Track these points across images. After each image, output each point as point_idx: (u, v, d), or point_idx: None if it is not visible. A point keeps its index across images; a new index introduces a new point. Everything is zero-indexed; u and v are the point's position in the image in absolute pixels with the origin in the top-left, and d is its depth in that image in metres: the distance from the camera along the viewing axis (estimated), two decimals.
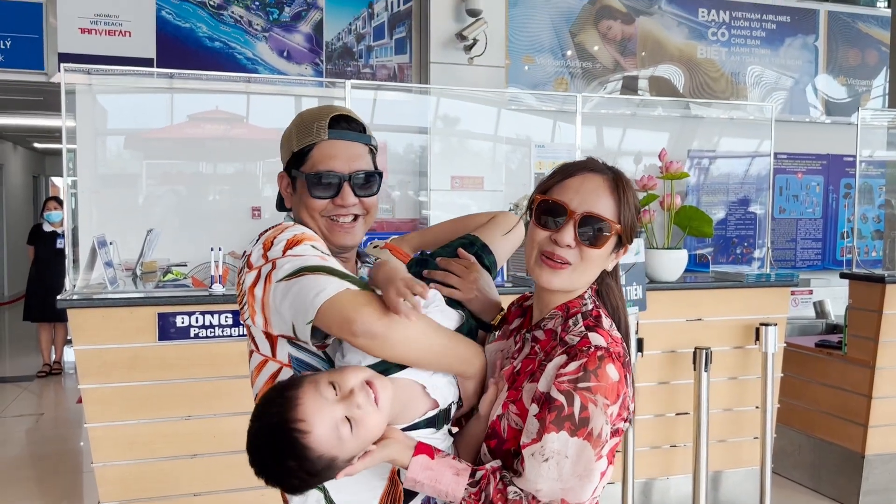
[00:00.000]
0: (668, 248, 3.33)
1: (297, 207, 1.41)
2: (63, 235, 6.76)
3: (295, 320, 1.22)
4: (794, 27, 7.65)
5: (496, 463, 1.24)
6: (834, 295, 6.50)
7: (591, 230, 1.24)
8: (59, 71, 5.94)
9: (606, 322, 1.27)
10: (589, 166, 1.29)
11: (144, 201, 6.11)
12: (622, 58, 7.11)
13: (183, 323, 2.78)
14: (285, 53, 6.54)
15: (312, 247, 1.28)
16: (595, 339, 1.21)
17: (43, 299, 6.65)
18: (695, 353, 3.29)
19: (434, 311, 1.29)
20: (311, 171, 1.36)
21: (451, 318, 1.32)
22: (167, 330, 2.76)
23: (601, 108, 6.76)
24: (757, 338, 3.42)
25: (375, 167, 1.42)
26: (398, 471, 1.28)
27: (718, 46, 7.40)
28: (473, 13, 6.24)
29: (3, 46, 5.93)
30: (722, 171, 7.34)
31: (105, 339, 2.70)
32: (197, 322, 2.78)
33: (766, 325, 3.38)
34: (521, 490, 1.20)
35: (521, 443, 1.22)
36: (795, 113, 7.61)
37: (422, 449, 1.23)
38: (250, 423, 1.16)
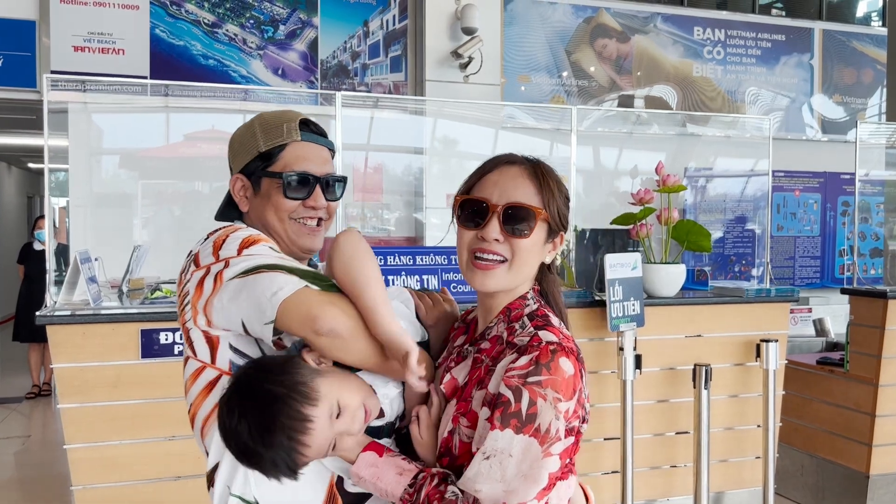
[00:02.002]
0: (665, 263, 3.27)
1: (259, 210, 1.37)
2: (54, 253, 6.69)
3: (248, 320, 1.19)
4: (789, 46, 7.66)
5: (440, 471, 1.18)
6: (833, 313, 6.44)
7: (517, 220, 1.20)
8: (50, 88, 5.92)
9: (555, 320, 1.22)
10: (505, 159, 1.27)
11: (139, 220, 6.05)
12: (618, 76, 7.10)
13: (167, 340, 2.70)
14: (280, 71, 6.52)
15: (270, 248, 1.26)
16: (546, 335, 1.15)
17: (32, 319, 6.57)
18: (694, 370, 3.22)
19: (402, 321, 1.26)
20: (285, 170, 1.34)
21: (416, 332, 1.32)
22: (150, 347, 2.67)
23: (598, 126, 6.75)
24: (758, 354, 3.35)
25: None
26: (336, 484, 1.25)
27: (714, 65, 7.40)
28: (469, 31, 6.23)
29: None
30: (719, 189, 7.32)
31: (86, 356, 2.61)
32: (181, 339, 2.70)
33: (767, 341, 3.31)
34: (461, 491, 1.12)
35: (473, 451, 1.15)
36: (792, 131, 7.60)
37: (372, 447, 1.19)
38: (235, 394, 1.15)
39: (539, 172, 1.24)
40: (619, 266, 3.02)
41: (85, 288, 2.72)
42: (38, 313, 2.64)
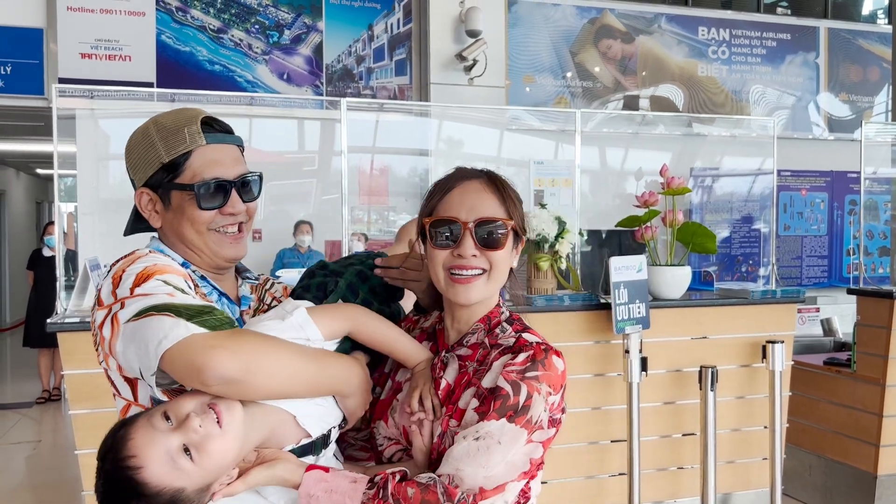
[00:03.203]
0: (671, 265, 3.27)
1: (174, 225, 1.27)
2: (63, 260, 6.72)
3: (142, 368, 1.10)
4: (794, 45, 7.64)
5: (400, 469, 1.17)
6: (841, 312, 6.41)
7: (489, 233, 1.24)
8: (58, 96, 5.96)
9: (527, 324, 1.30)
10: (461, 175, 1.30)
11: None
12: (623, 77, 7.10)
13: None
14: (285, 76, 6.55)
15: (164, 282, 1.14)
16: (529, 337, 1.24)
17: (42, 325, 6.61)
18: (700, 371, 3.22)
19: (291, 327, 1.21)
20: (194, 181, 1.23)
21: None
22: None
23: (603, 126, 6.75)
24: (764, 356, 3.35)
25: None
26: None
27: (719, 64, 7.39)
28: (473, 34, 6.24)
29: (3, 72, 5.94)
30: (725, 189, 7.31)
31: (96, 363, 2.63)
32: None
33: (773, 342, 3.31)
34: (436, 475, 1.15)
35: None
36: (798, 130, 7.58)
37: (315, 467, 1.18)
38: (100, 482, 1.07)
39: (498, 184, 1.28)
40: (624, 269, 3.03)
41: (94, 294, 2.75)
42: (48, 320, 2.66)
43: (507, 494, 1.16)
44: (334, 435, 1.27)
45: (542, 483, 1.29)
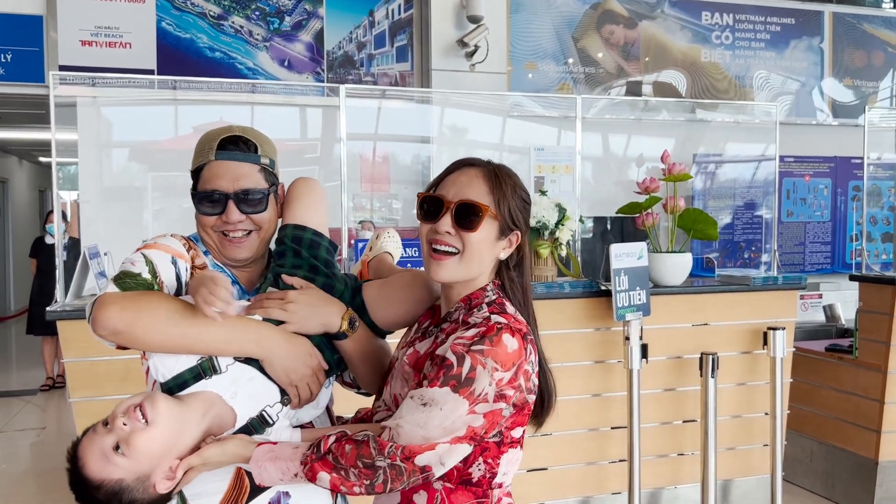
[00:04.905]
0: (672, 252, 3.26)
1: (196, 220, 1.50)
2: (65, 248, 6.74)
3: None
4: (798, 29, 7.57)
5: (338, 431, 1.28)
6: (844, 298, 6.40)
7: (466, 215, 1.32)
8: (58, 83, 5.95)
9: (511, 308, 1.34)
10: (468, 162, 1.40)
11: (148, 214, 6.09)
12: (625, 62, 7.05)
13: None
14: (286, 63, 6.52)
15: (143, 255, 1.37)
16: (497, 318, 1.28)
17: (45, 313, 6.63)
18: (701, 358, 3.22)
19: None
20: (199, 189, 1.45)
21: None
22: None
23: (605, 113, 6.71)
24: (765, 342, 3.34)
25: (272, 184, 1.48)
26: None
27: (722, 50, 7.33)
28: (474, 19, 6.20)
29: (3, 60, 5.92)
30: (728, 175, 7.26)
31: (96, 351, 2.64)
32: None
33: (774, 329, 3.30)
34: (370, 432, 1.24)
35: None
36: (802, 116, 7.52)
37: (265, 442, 1.29)
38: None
39: (494, 175, 1.36)
40: (624, 256, 3.02)
41: (94, 283, 2.75)
42: (48, 308, 2.67)
43: (444, 456, 1.22)
44: (277, 412, 1.34)
45: (542, 470, 1.32)
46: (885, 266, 7.02)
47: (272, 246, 1.53)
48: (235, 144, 1.45)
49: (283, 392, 1.34)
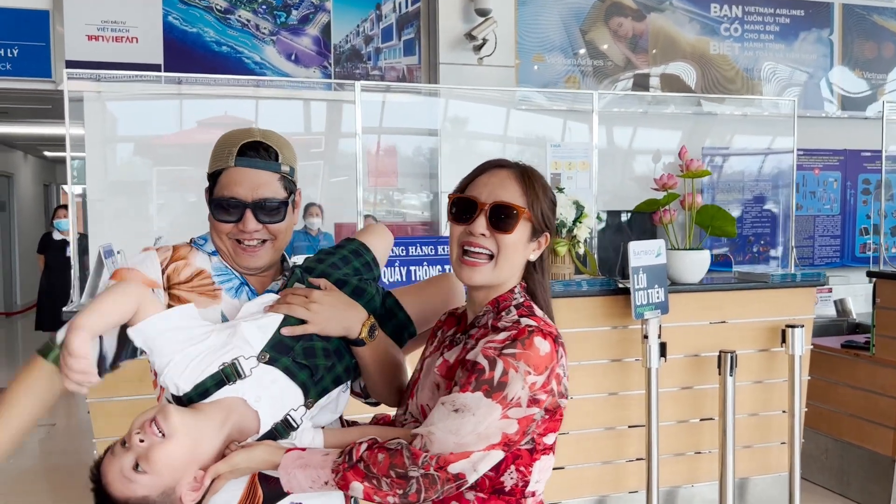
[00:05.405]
0: (689, 249, 3.23)
1: (210, 224, 1.47)
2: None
3: None
4: (808, 21, 7.51)
5: (369, 438, 1.26)
6: (854, 293, 6.37)
7: (501, 216, 1.30)
8: (65, 78, 5.92)
9: (539, 312, 1.33)
10: (498, 163, 1.38)
11: (154, 208, 6.07)
12: (633, 55, 7.00)
13: None
14: (293, 57, 6.48)
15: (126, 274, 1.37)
16: (527, 322, 1.26)
17: (54, 308, 6.62)
18: (720, 356, 3.19)
19: (249, 325, 1.31)
20: (216, 195, 1.41)
21: (271, 323, 1.33)
22: None
23: (613, 106, 6.66)
24: (783, 340, 3.31)
25: (291, 193, 1.44)
26: (258, 476, 1.32)
27: (731, 42, 7.27)
28: (482, 13, 6.15)
29: (10, 55, 5.89)
30: (736, 168, 7.22)
31: None
32: None
33: (793, 326, 3.27)
34: (403, 441, 1.21)
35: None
36: (810, 108, 7.47)
37: (293, 449, 1.27)
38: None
39: (526, 176, 1.35)
40: (643, 253, 2.99)
41: (108, 281, 2.72)
42: (64, 309, 2.64)
43: (477, 464, 1.20)
44: (301, 415, 1.31)
45: (559, 469, 1.30)
46: (893, 259, 6.99)
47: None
48: (256, 151, 1.41)
49: (306, 394, 1.31)
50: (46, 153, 12.45)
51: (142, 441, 1.19)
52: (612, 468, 3.27)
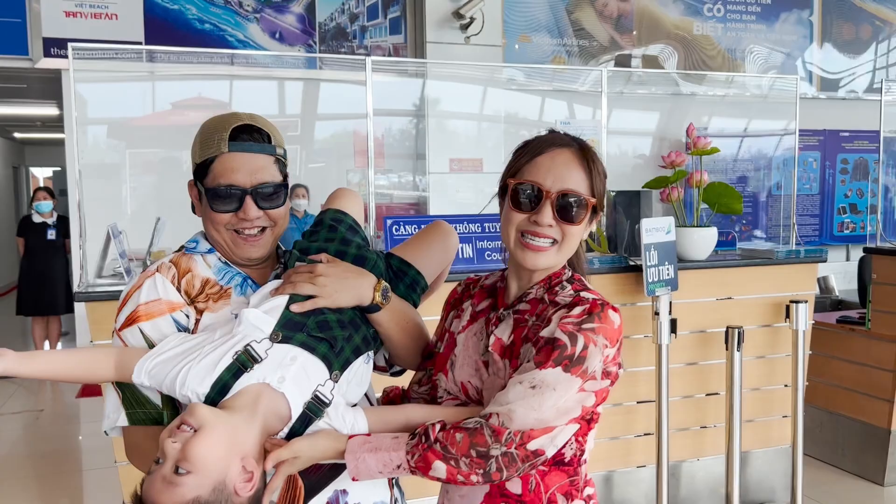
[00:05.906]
0: (697, 226, 3.26)
1: (203, 218, 1.39)
2: (53, 226, 6.58)
3: None
4: (789, 1, 7.59)
5: (439, 420, 1.23)
6: (833, 270, 6.50)
7: (569, 207, 1.28)
8: (44, 56, 5.74)
9: (590, 285, 1.35)
10: (555, 142, 1.32)
11: (126, 189, 5.95)
12: (618, 35, 7.01)
13: None
14: (277, 35, 6.37)
15: (140, 330, 1.29)
16: (587, 295, 1.27)
17: (36, 292, 6.47)
18: (727, 332, 3.23)
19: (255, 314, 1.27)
20: (212, 184, 1.33)
21: (277, 305, 1.28)
22: None
23: (598, 85, 6.68)
24: (787, 315, 3.36)
25: (285, 177, 1.38)
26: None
27: (714, 22, 7.32)
28: None
29: None
30: (722, 148, 7.29)
31: None
32: None
33: (797, 301, 3.32)
34: (482, 418, 1.20)
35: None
36: (789, 88, 7.57)
37: (356, 435, 1.23)
38: None
39: (588, 158, 1.30)
40: (654, 230, 3.00)
41: (119, 262, 2.66)
42: (75, 290, 2.57)
43: (556, 437, 1.21)
44: (330, 389, 1.25)
45: None
46: (871, 238, 7.13)
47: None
48: (249, 134, 1.33)
49: (329, 367, 1.25)
50: (16, 134, 12.10)
51: (175, 443, 1.12)
52: (621, 444, 3.31)
